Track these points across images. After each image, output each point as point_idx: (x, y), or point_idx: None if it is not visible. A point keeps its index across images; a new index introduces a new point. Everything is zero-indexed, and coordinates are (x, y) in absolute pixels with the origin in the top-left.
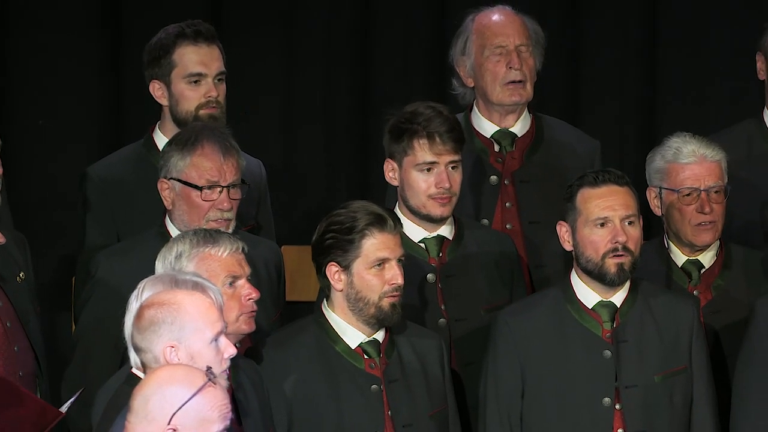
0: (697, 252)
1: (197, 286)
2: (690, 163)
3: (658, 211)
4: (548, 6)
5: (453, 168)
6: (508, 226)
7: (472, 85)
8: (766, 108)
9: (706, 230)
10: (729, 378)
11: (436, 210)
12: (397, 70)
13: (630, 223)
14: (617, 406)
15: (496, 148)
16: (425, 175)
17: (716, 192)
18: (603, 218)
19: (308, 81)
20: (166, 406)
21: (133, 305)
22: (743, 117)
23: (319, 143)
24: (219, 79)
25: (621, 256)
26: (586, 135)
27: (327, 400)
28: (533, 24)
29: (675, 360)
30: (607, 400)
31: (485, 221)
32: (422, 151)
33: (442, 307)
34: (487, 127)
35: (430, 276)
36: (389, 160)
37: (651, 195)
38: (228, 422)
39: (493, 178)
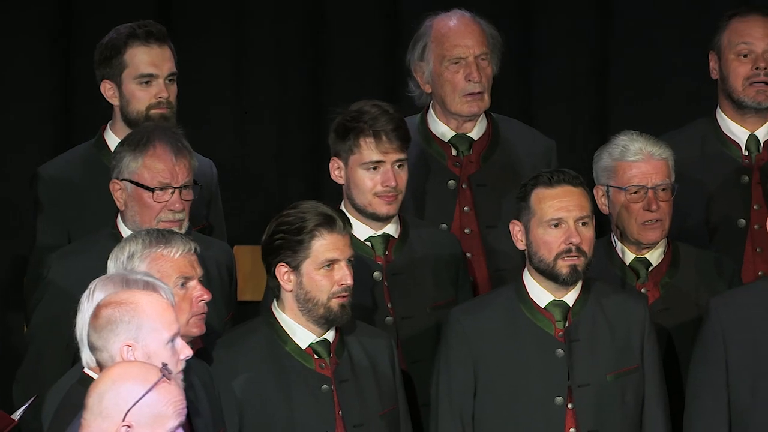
0: (644, 250)
1: (148, 286)
2: (637, 161)
3: (605, 210)
4: (499, 5)
5: (399, 167)
6: (466, 231)
7: (429, 91)
8: (719, 107)
9: (653, 228)
10: (679, 376)
11: (382, 208)
12: (350, 70)
13: (584, 224)
14: (569, 405)
15: (454, 152)
16: (371, 173)
17: (663, 190)
18: (557, 219)
19: (260, 81)
20: (121, 402)
21: (85, 305)
22: (697, 116)
23: (271, 143)
24: (170, 80)
25: (574, 257)
26: (541, 134)
27: (277, 401)
28: (491, 29)
29: (627, 359)
30: (559, 399)
31: (444, 226)
32: (368, 149)
33: (389, 305)
34: (444, 131)
35: (376, 274)
36: (335, 158)
37: (598, 193)
38: (183, 418)
39: (451, 182)
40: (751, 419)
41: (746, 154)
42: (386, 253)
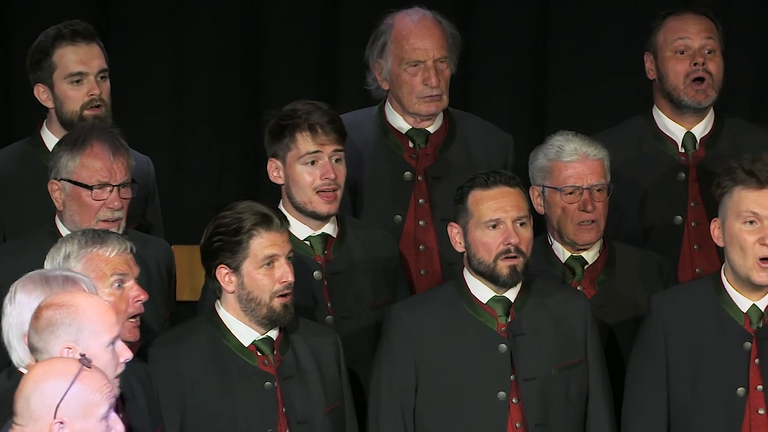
0: (580, 249)
1: (68, 281)
2: (572, 161)
3: (540, 210)
4: (440, 2)
5: (337, 160)
6: (421, 223)
7: (387, 88)
8: (655, 106)
9: (589, 229)
10: (616, 372)
11: (322, 207)
12: (288, 69)
13: (521, 224)
14: (514, 400)
15: (410, 144)
16: (310, 168)
17: (599, 190)
18: (495, 220)
19: (197, 80)
20: (48, 401)
21: (8, 308)
22: (635, 115)
23: (209, 142)
24: (101, 77)
25: (513, 257)
26: (498, 129)
27: (220, 398)
28: (451, 29)
29: (571, 353)
30: (502, 394)
31: (398, 217)
32: (305, 142)
33: (329, 305)
34: (401, 123)
35: (316, 273)
36: (272, 159)
37: (534, 194)
38: (113, 399)
39: (407, 174)
40: (690, 416)
41: (683, 151)
42: (325, 252)
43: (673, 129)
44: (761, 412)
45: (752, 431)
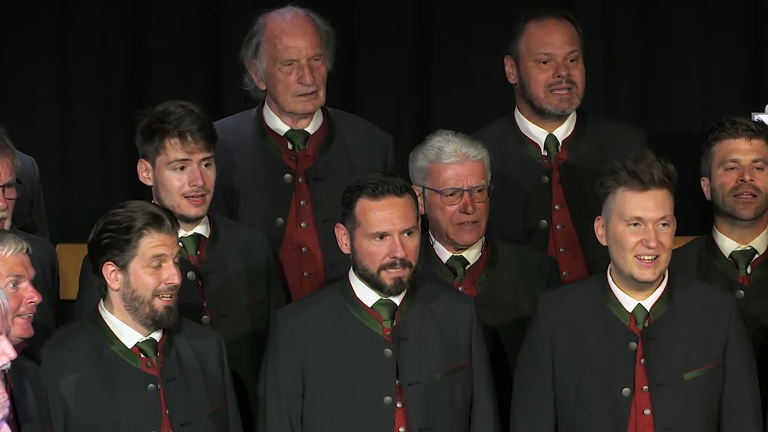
0: (461, 249)
1: None
2: (452, 163)
3: (422, 209)
4: (322, 2)
5: (206, 165)
6: (302, 225)
7: (263, 88)
8: (517, 108)
9: (469, 230)
10: (502, 373)
11: (191, 210)
12: (174, 67)
13: (409, 234)
14: (398, 404)
15: (290, 146)
16: (178, 173)
17: (479, 191)
18: (381, 232)
19: (83, 79)
20: None
21: None
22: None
23: (95, 141)
24: None
25: (399, 269)
26: (378, 129)
27: (103, 400)
28: (325, 26)
29: (455, 357)
30: (388, 398)
31: (280, 220)
32: (174, 149)
33: (204, 304)
34: (279, 125)
35: (190, 274)
36: (142, 160)
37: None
38: (6, 411)
39: (287, 176)
40: (576, 417)
41: (545, 154)
42: (198, 252)
43: (535, 132)
44: (647, 412)
45: None
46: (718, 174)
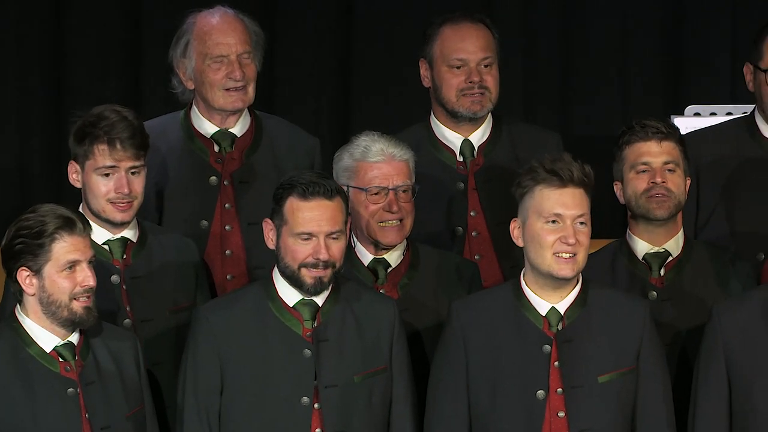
0: (382, 251)
1: None
2: (378, 162)
3: None
4: (245, 5)
5: (134, 174)
6: (227, 228)
7: (192, 87)
8: (432, 113)
9: (393, 230)
10: (423, 378)
11: (116, 216)
12: (92, 70)
13: (335, 237)
14: (316, 406)
15: (216, 148)
16: (105, 179)
17: (404, 191)
18: (307, 233)
19: (1, 81)
20: None
21: None
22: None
23: (12, 144)
24: None
25: (321, 270)
26: (305, 133)
27: (22, 406)
28: (254, 26)
29: (375, 360)
30: (305, 399)
31: (205, 223)
32: (102, 156)
33: (128, 308)
34: (207, 127)
35: (114, 278)
36: (72, 162)
37: None
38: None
39: (213, 178)
40: (490, 421)
41: (461, 160)
42: (124, 256)
43: (451, 137)
44: (561, 414)
45: None
46: (630, 177)
